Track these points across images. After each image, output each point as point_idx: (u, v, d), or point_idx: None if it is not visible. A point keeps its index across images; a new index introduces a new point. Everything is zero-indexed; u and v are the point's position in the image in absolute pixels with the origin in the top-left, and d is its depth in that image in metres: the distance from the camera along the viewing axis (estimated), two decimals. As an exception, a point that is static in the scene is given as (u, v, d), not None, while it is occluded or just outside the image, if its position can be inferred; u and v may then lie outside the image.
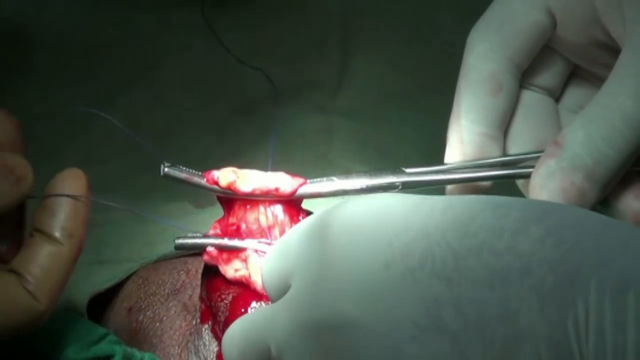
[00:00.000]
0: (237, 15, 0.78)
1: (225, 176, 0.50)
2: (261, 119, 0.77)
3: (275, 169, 0.53)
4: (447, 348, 0.33)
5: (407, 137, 0.75)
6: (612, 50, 0.49)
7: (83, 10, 0.79)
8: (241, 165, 0.53)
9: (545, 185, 0.45)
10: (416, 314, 0.34)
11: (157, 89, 0.79)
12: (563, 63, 0.54)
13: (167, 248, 0.63)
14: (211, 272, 0.53)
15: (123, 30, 0.79)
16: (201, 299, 0.54)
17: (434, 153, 0.55)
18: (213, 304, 0.52)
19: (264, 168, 0.53)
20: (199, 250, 0.51)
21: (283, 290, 0.42)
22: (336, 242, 0.38)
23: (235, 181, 0.50)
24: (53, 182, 0.44)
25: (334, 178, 0.51)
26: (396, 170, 0.50)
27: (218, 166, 0.52)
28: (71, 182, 0.44)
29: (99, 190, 0.48)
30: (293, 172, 0.52)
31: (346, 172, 0.72)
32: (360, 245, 0.37)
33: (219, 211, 0.54)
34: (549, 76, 0.54)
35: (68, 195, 0.43)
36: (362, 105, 0.75)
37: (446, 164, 0.51)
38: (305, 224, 0.42)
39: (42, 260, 0.42)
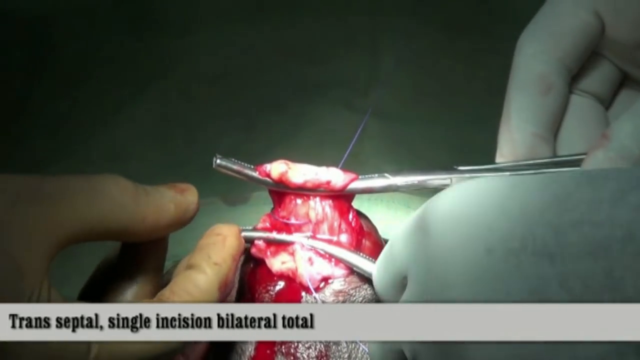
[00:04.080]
0: (269, 14, 0.78)
1: (277, 168, 0.50)
2: (291, 116, 0.77)
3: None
4: None
5: (437, 137, 0.75)
6: None
7: (112, 3, 0.79)
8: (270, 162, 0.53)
9: None
10: (521, 294, 0.34)
11: (185, 84, 0.78)
12: (612, 70, 0.55)
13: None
14: (249, 266, 0.53)
15: (151, 24, 0.79)
16: (237, 291, 0.54)
17: (465, 153, 0.55)
18: (257, 295, 0.51)
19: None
20: (248, 243, 0.51)
21: (401, 291, 0.43)
22: (437, 233, 0.38)
23: (287, 172, 0.50)
24: (210, 230, 0.49)
25: (387, 174, 0.51)
26: (449, 167, 0.50)
27: (247, 162, 0.52)
28: (223, 228, 0.48)
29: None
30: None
31: (377, 171, 0.72)
32: (460, 233, 0.37)
33: (250, 209, 0.54)
34: (598, 83, 0.54)
35: None
36: (393, 104, 0.75)
37: (498, 163, 0.51)
38: (406, 223, 0.43)
39: (186, 285, 0.44)
